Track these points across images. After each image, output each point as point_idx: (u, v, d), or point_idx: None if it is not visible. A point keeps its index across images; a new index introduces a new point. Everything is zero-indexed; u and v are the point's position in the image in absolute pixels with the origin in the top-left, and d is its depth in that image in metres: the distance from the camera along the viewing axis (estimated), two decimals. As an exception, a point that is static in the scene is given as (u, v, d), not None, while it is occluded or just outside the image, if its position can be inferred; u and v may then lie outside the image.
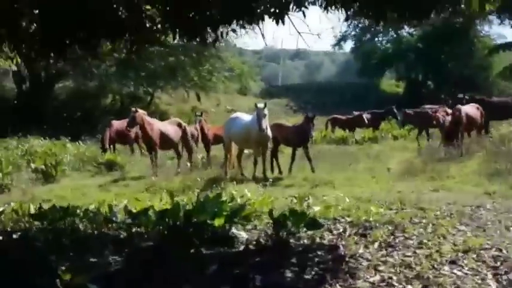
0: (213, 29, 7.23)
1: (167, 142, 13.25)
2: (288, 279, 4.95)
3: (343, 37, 46.39)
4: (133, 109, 12.99)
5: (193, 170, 12.76)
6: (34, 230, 6.72)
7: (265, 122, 11.02)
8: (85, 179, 13.10)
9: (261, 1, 6.34)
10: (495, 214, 7.04)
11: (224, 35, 7.41)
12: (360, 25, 43.84)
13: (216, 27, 7.20)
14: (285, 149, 13.50)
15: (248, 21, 6.92)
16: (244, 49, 48.91)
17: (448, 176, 10.20)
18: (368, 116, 20.96)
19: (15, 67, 14.05)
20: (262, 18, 6.80)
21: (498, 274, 4.71)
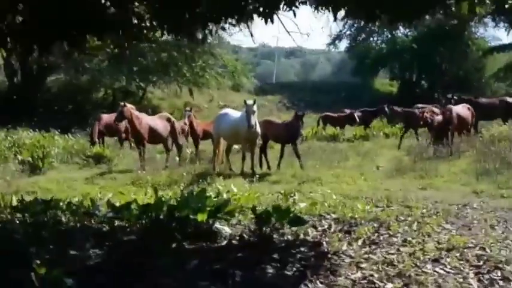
0: (202, 27, 7.15)
1: (156, 136, 13.17)
2: (269, 275, 4.89)
3: (338, 36, 46.27)
4: (121, 103, 12.90)
5: (181, 165, 12.69)
6: (15, 223, 6.60)
7: (254, 119, 10.96)
8: (72, 172, 12.99)
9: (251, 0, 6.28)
10: (481, 213, 7.02)
11: (213, 33, 7.34)
12: (355, 25, 43.80)
13: (205, 25, 7.12)
14: (275, 145, 13.44)
15: (237, 19, 6.86)
16: (239, 46, 48.76)
17: (437, 175, 10.17)
18: (359, 114, 20.91)
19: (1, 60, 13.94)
20: (251, 17, 6.74)
21: (480, 273, 4.66)
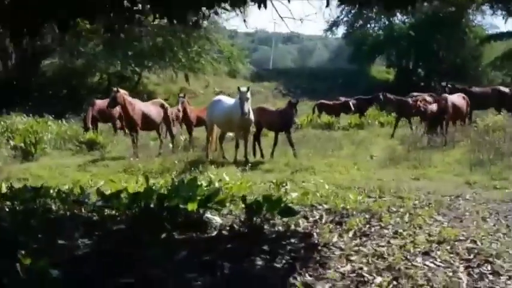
0: (195, 11, 7.02)
1: (149, 123, 13.04)
2: (258, 267, 4.85)
3: (335, 23, 45.86)
4: (114, 89, 12.75)
5: (175, 152, 12.61)
6: (4, 210, 6.52)
7: (247, 106, 10.87)
8: (65, 158, 12.89)
9: None
10: (474, 205, 6.99)
11: (207, 17, 7.23)
12: (353, 11, 43.45)
13: (198, 9, 7.00)
14: (269, 133, 13.36)
15: (230, 4, 6.76)
16: (236, 31, 48.36)
17: (430, 165, 10.14)
18: (354, 102, 20.81)
19: None
20: (244, 1, 6.63)
21: (470, 267, 4.63)
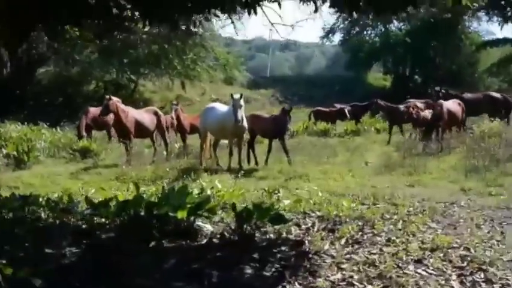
0: (185, 17, 6.97)
1: (142, 130, 12.95)
2: (246, 275, 4.77)
3: (331, 30, 45.98)
4: (107, 96, 12.68)
5: (169, 160, 12.52)
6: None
7: (241, 113, 10.81)
8: (58, 166, 12.79)
9: None
10: (468, 211, 6.89)
11: (198, 24, 7.19)
12: (349, 18, 43.53)
13: (188, 15, 6.95)
14: (264, 140, 13.28)
15: (221, 10, 6.71)
16: (233, 39, 48.40)
17: (425, 171, 10.04)
18: (349, 109, 20.77)
19: None
20: (233, 8, 6.59)
21: (463, 275, 4.55)
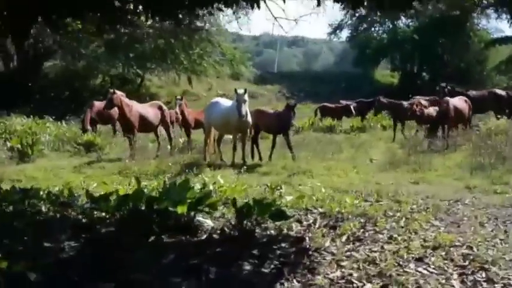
0: (188, 12, 6.90)
1: (146, 125, 12.88)
2: (245, 272, 4.72)
3: (339, 26, 45.77)
4: (111, 90, 12.63)
5: (173, 154, 12.49)
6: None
7: (245, 108, 10.73)
8: (62, 160, 12.78)
9: None
10: (472, 209, 6.81)
11: (201, 18, 7.12)
12: (357, 14, 43.32)
13: (191, 9, 6.88)
14: (269, 136, 13.21)
15: (224, 3, 6.64)
16: (241, 34, 48.33)
17: (430, 169, 9.93)
18: (355, 105, 20.67)
19: None
20: (236, 2, 6.52)
21: (464, 274, 4.47)
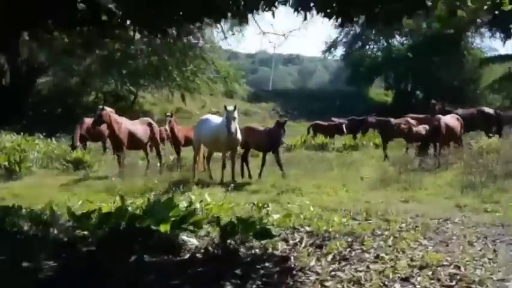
0: (176, 26, 6.88)
1: (135, 141, 12.74)
2: (226, 292, 4.58)
3: (333, 43, 46.08)
4: (100, 107, 12.55)
5: (162, 172, 12.35)
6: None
7: (234, 125, 10.64)
8: (49, 177, 12.61)
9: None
10: (462, 228, 6.69)
11: (192, 34, 7.12)
12: (351, 32, 43.67)
13: (179, 24, 6.86)
14: (260, 153, 13.11)
15: (213, 18, 6.63)
16: (236, 52, 48.51)
17: (421, 187, 9.84)
18: (346, 123, 20.63)
19: None
20: (224, 16, 6.49)
21: (450, 295, 4.35)
